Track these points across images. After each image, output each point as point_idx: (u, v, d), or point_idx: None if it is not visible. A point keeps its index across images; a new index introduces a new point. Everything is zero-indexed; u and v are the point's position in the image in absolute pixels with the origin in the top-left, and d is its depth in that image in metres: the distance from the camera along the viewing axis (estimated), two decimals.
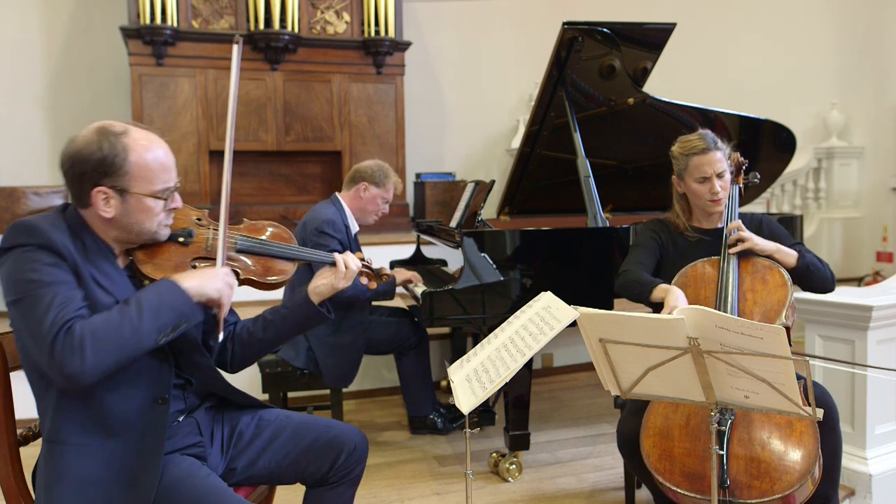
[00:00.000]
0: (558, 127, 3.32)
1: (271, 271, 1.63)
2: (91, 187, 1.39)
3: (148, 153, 1.42)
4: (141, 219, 1.43)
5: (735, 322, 1.42)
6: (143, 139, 1.42)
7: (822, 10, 6.71)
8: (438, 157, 7.17)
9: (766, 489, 1.70)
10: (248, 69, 5.96)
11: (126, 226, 1.43)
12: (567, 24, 3.00)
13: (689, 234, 2.27)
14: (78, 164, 1.39)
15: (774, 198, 6.30)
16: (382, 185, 3.11)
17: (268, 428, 1.69)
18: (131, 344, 1.31)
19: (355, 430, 1.75)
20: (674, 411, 1.90)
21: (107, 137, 1.39)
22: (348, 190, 3.13)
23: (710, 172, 2.16)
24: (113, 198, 1.40)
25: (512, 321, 1.79)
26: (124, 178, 1.39)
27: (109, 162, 1.38)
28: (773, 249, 2.13)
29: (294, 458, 1.67)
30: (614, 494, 2.72)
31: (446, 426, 3.37)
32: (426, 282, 3.28)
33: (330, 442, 1.68)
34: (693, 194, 2.24)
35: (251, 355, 1.73)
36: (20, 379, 1.50)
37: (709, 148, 2.17)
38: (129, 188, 1.40)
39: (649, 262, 2.27)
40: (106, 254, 1.45)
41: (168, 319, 1.35)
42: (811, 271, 2.13)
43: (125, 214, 1.42)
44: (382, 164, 3.17)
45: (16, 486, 1.53)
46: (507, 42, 7.19)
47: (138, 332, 1.32)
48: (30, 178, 5.84)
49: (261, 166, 6.18)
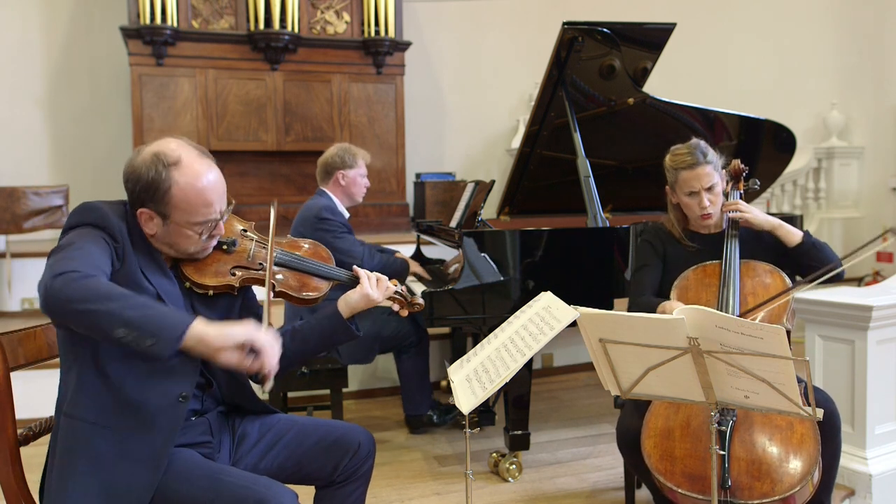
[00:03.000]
0: (558, 127, 3.32)
1: (306, 287, 1.67)
2: (138, 206, 1.48)
3: (193, 188, 1.46)
4: (179, 241, 1.51)
5: (735, 322, 1.42)
6: (191, 173, 1.47)
7: (822, 10, 6.71)
8: (438, 157, 7.17)
9: (766, 490, 1.71)
10: (247, 69, 5.96)
11: (167, 244, 1.52)
12: (567, 24, 3.00)
13: (687, 245, 2.26)
14: (131, 181, 1.47)
15: (774, 198, 6.30)
16: (354, 164, 3.22)
17: (271, 430, 1.70)
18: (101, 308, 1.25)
19: (360, 429, 1.74)
20: (675, 412, 1.90)
21: (158, 164, 1.45)
22: (326, 184, 3.21)
23: (697, 187, 2.15)
24: (155, 219, 1.48)
25: (512, 321, 1.79)
26: (167, 207, 1.46)
27: (155, 189, 1.45)
28: (777, 224, 2.13)
29: (297, 459, 1.67)
30: (614, 494, 2.72)
31: (441, 419, 3.39)
32: (426, 282, 3.28)
33: (334, 443, 1.68)
34: (685, 206, 2.24)
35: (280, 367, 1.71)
36: (20, 379, 1.50)
37: (697, 163, 2.14)
38: (170, 216, 1.47)
39: (655, 280, 2.27)
40: (154, 254, 1.52)
41: (143, 325, 1.27)
42: (816, 248, 2.10)
43: (166, 235, 1.50)
44: (342, 145, 3.28)
45: (16, 486, 1.53)
46: (507, 42, 7.18)
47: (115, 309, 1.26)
48: (30, 178, 5.84)
49: (261, 166, 6.18)
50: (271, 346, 1.40)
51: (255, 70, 5.95)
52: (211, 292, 1.57)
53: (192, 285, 1.56)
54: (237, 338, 1.34)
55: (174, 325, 1.30)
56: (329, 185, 3.21)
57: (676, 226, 2.29)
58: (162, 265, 1.53)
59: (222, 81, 5.89)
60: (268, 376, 1.42)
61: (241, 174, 5.99)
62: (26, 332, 1.62)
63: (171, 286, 1.52)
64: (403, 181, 6.41)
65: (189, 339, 1.31)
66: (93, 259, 1.34)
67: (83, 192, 5.07)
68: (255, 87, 5.98)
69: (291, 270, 1.68)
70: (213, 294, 1.58)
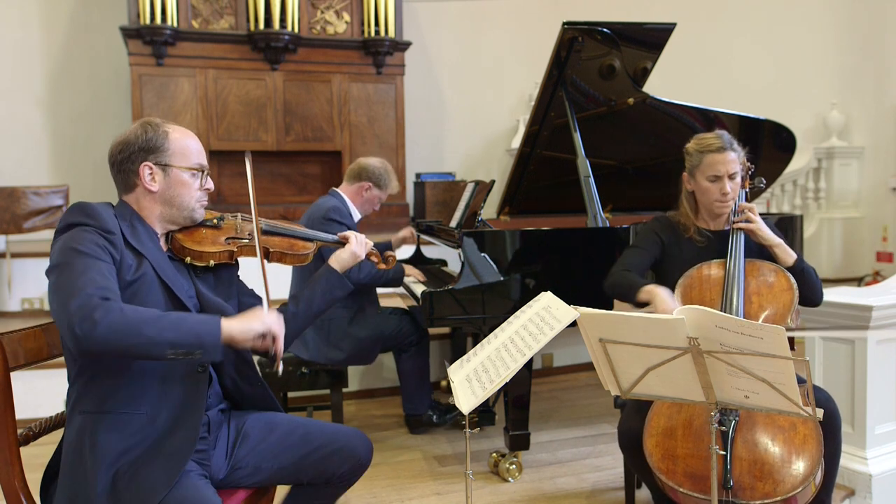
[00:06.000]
0: (558, 127, 3.32)
1: (295, 247, 1.84)
2: (139, 163, 1.61)
3: (184, 136, 1.67)
4: (181, 192, 1.64)
5: (735, 322, 1.42)
6: (178, 129, 1.69)
7: (822, 10, 6.71)
8: (438, 157, 7.17)
9: (769, 491, 1.70)
10: (248, 69, 5.97)
11: (169, 199, 1.63)
12: (567, 24, 3.00)
13: (696, 239, 2.26)
14: (126, 148, 1.61)
15: (774, 198, 6.30)
16: (385, 187, 3.23)
17: (274, 432, 1.70)
18: (142, 340, 1.37)
19: (362, 439, 1.76)
20: (677, 411, 1.90)
21: (148, 128, 1.64)
22: (350, 185, 3.19)
23: (722, 171, 2.17)
24: (157, 173, 1.61)
25: (512, 321, 1.79)
26: (165, 154, 1.62)
27: (152, 143, 1.62)
28: (777, 242, 2.14)
29: (298, 464, 1.68)
30: (614, 494, 2.72)
31: (441, 419, 3.39)
32: (426, 282, 3.28)
33: (336, 451, 1.70)
34: (702, 192, 2.23)
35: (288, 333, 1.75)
36: (20, 379, 1.50)
37: (724, 147, 2.18)
38: (170, 162, 1.62)
39: (642, 263, 2.27)
40: (151, 236, 1.62)
41: (186, 340, 1.40)
42: (805, 275, 2.13)
43: (168, 188, 1.62)
44: (387, 165, 3.27)
45: (16, 486, 1.53)
46: (507, 42, 7.19)
47: (155, 335, 1.37)
48: (30, 178, 5.84)
49: (261, 166, 6.17)
50: (281, 329, 1.56)
51: (255, 70, 5.95)
52: (212, 262, 1.68)
53: (192, 258, 1.66)
54: (257, 329, 1.51)
55: (210, 331, 1.43)
56: (351, 187, 3.19)
57: (690, 214, 2.29)
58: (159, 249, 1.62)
59: (222, 81, 5.89)
60: (278, 355, 1.57)
61: (240, 174, 5.98)
62: (26, 332, 1.62)
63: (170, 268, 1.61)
64: (403, 181, 6.41)
65: (224, 339, 1.46)
66: (96, 279, 1.39)
67: (83, 192, 5.08)
68: (255, 87, 5.98)
69: (279, 236, 1.84)
70: (213, 265, 1.69)
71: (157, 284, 1.54)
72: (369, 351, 3.14)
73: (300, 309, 1.80)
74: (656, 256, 2.30)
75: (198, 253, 1.65)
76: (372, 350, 3.15)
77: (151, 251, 1.57)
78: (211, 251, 1.67)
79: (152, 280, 1.53)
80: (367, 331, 3.10)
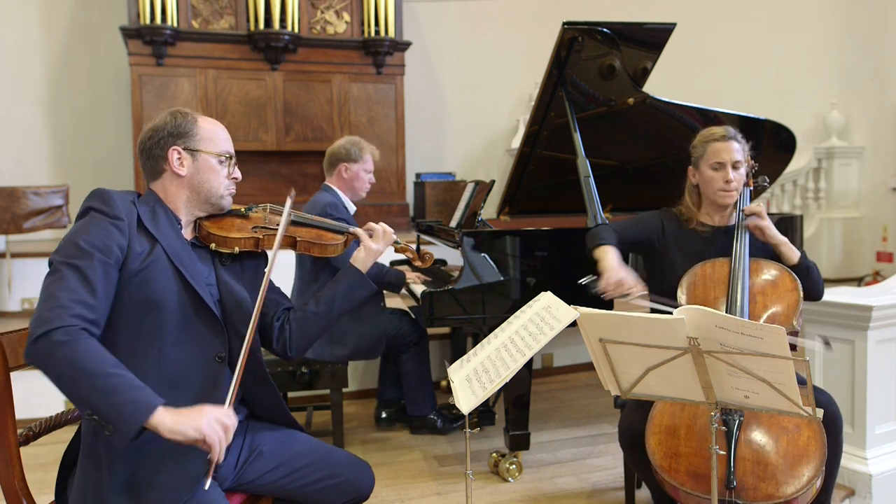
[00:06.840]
0: (558, 127, 3.31)
1: (324, 237, 1.83)
2: (167, 148, 1.62)
3: (213, 124, 1.70)
4: (210, 178, 1.65)
5: (735, 322, 1.42)
6: (207, 118, 1.71)
7: (822, 10, 6.71)
8: (438, 157, 7.17)
9: (771, 492, 1.70)
10: (248, 69, 5.96)
11: (196, 184, 1.64)
12: (567, 24, 2.99)
13: (699, 229, 2.27)
14: (156, 133, 1.63)
15: (774, 198, 6.30)
16: (360, 158, 3.17)
17: (288, 453, 1.69)
18: (69, 388, 1.34)
19: (367, 472, 1.76)
20: (681, 410, 1.89)
21: (178, 115, 1.66)
22: (331, 175, 3.20)
23: (725, 159, 2.18)
24: (185, 157, 1.63)
25: (512, 321, 1.79)
26: (194, 140, 1.64)
27: (182, 128, 1.64)
28: (783, 241, 2.16)
29: (302, 489, 1.68)
30: (614, 494, 2.72)
31: (446, 426, 3.37)
32: (426, 282, 3.28)
33: (342, 483, 1.70)
34: (706, 182, 2.23)
35: (308, 333, 1.76)
36: (20, 379, 1.50)
37: (728, 136, 2.21)
38: (199, 147, 1.64)
39: (629, 233, 2.31)
40: (172, 222, 1.62)
41: (105, 413, 1.31)
42: (810, 273, 2.15)
43: (196, 172, 1.64)
44: (352, 138, 3.24)
45: (16, 486, 1.53)
46: (507, 42, 7.19)
47: (83, 392, 1.32)
48: (30, 178, 5.84)
49: (261, 166, 6.18)
50: (221, 439, 1.35)
51: (255, 70, 5.95)
52: (237, 249, 1.67)
53: (217, 244, 1.66)
54: (188, 435, 1.32)
55: (134, 417, 1.29)
56: (333, 177, 3.18)
57: (693, 208, 2.30)
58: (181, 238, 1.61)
59: (222, 81, 5.89)
60: (211, 468, 1.37)
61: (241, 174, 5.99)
62: (26, 332, 1.62)
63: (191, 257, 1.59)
64: (403, 181, 6.41)
65: (148, 427, 1.31)
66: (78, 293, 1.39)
67: (83, 193, 5.04)
68: (255, 87, 5.98)
69: (307, 227, 1.84)
70: (238, 252, 1.68)
71: (170, 270, 1.53)
72: (374, 345, 3.14)
73: (321, 309, 1.76)
74: (650, 237, 2.30)
75: (222, 238, 1.66)
76: (377, 344, 3.15)
77: (167, 236, 1.56)
78: (236, 237, 1.67)
79: (164, 266, 1.52)
80: (370, 328, 3.11)
